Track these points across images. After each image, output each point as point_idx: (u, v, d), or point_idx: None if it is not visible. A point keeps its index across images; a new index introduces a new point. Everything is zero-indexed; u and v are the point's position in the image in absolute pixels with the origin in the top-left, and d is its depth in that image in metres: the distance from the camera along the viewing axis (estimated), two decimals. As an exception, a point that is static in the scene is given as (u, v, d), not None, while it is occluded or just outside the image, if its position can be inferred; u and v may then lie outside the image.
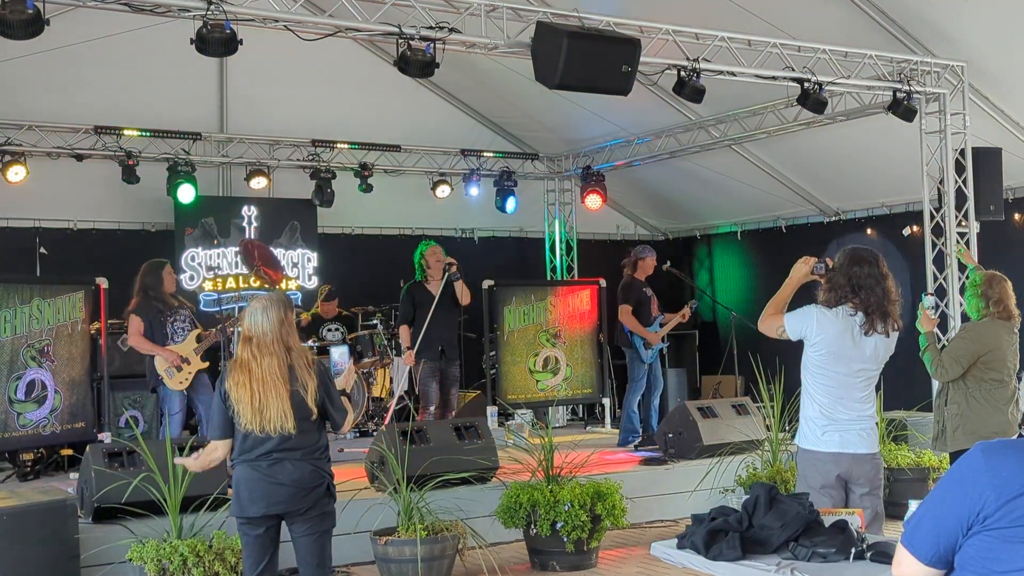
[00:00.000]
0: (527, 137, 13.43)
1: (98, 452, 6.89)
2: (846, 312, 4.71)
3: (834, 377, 4.75)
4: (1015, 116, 9.92)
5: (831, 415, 4.76)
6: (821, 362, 4.77)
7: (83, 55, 10.18)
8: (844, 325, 4.70)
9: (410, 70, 7.81)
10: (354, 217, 12.86)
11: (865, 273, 4.70)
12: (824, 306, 4.76)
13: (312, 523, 4.84)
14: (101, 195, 11.46)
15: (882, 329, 4.71)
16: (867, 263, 4.73)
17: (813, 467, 4.82)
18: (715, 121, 11.42)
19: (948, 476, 2.43)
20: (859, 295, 4.69)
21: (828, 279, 4.80)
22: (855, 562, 3.90)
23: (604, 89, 8.25)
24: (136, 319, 8.28)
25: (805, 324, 4.77)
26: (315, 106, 11.92)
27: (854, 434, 4.77)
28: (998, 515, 2.28)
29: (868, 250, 4.83)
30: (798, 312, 4.81)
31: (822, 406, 4.78)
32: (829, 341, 4.72)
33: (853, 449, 4.76)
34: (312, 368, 4.83)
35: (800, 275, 4.91)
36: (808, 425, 4.84)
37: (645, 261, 10.20)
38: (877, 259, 4.76)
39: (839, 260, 4.78)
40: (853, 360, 4.74)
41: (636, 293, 10.07)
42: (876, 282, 4.70)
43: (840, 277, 4.74)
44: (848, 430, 4.77)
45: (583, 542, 7.04)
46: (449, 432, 8.04)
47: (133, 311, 8.31)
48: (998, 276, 6.44)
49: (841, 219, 12.51)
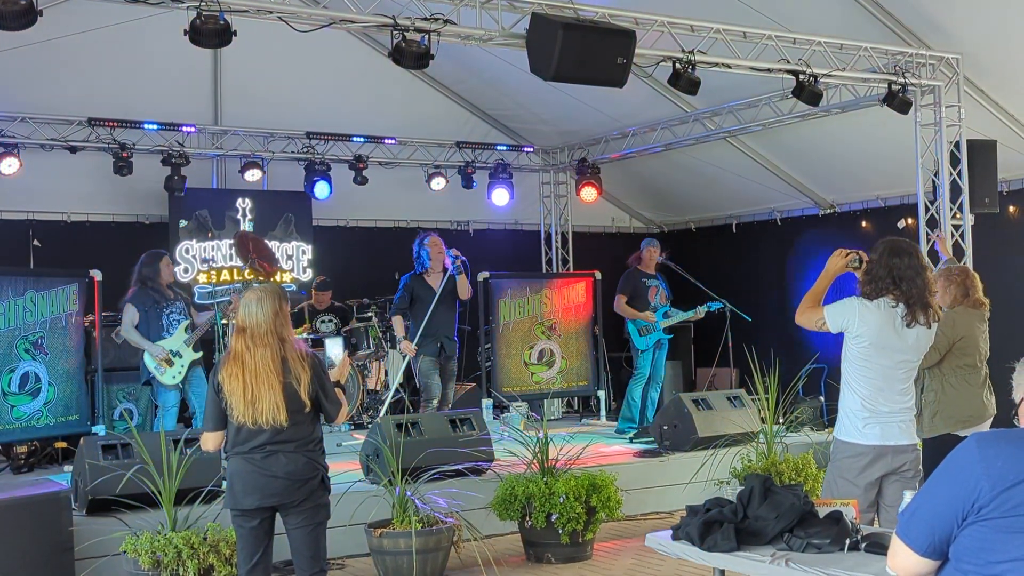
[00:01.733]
0: (522, 129, 13.41)
1: (92, 444, 6.88)
2: (887, 304, 4.72)
3: (877, 369, 4.76)
4: (1010, 108, 9.92)
5: (873, 407, 4.78)
6: (864, 354, 4.77)
7: (76, 47, 10.14)
8: (886, 316, 4.72)
9: (405, 62, 7.79)
10: (349, 209, 12.84)
11: (905, 264, 4.71)
12: (865, 298, 4.75)
13: (306, 515, 4.83)
14: (95, 187, 11.43)
15: (923, 320, 4.73)
16: (906, 254, 4.74)
17: (852, 459, 4.81)
18: (710, 113, 11.41)
19: (943, 468, 2.44)
20: (900, 286, 4.70)
21: (867, 271, 4.79)
22: (849, 553, 3.90)
23: (599, 81, 8.24)
24: (131, 308, 8.39)
25: (847, 316, 4.77)
26: (309, 98, 11.89)
27: (895, 426, 4.80)
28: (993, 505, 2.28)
29: (907, 241, 4.85)
30: (839, 304, 4.82)
31: (864, 398, 4.78)
32: (872, 333, 4.73)
33: (895, 441, 4.79)
34: (306, 360, 4.82)
35: (836, 268, 4.90)
36: (849, 417, 4.84)
37: (648, 252, 10.57)
38: (916, 250, 4.79)
39: (878, 251, 4.80)
40: (896, 351, 4.76)
41: (632, 283, 10.42)
42: (916, 273, 4.71)
43: (880, 269, 4.74)
44: (889, 422, 4.79)
45: (578, 534, 7.05)
46: (444, 424, 8.04)
47: (129, 300, 8.41)
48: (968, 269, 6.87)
49: (836, 212, 12.52)
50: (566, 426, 10.74)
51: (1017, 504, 2.26)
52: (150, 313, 8.42)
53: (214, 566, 5.84)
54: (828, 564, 3.81)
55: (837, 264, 4.90)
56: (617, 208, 14.65)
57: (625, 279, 10.52)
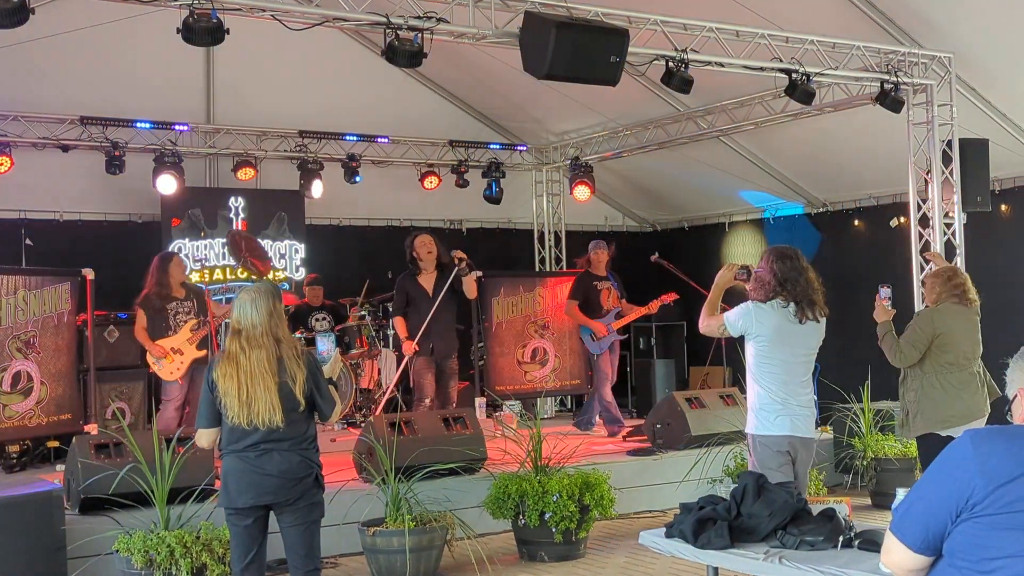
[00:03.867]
0: (515, 128, 13.41)
1: (84, 444, 6.87)
2: (779, 304, 5.22)
3: (779, 364, 5.24)
4: (1002, 107, 9.95)
5: (782, 400, 5.23)
6: (766, 352, 5.25)
7: (68, 45, 10.12)
8: (781, 316, 5.21)
9: (398, 60, 7.79)
10: (342, 208, 12.82)
11: (789, 267, 5.22)
12: (760, 302, 5.24)
13: (300, 513, 4.83)
14: (87, 186, 11.41)
15: (812, 316, 5.23)
16: (789, 259, 5.25)
17: (770, 451, 5.25)
18: (703, 112, 11.42)
19: (937, 464, 2.44)
20: (786, 287, 5.20)
21: (756, 278, 5.29)
22: (843, 550, 3.91)
23: (592, 79, 8.24)
24: (140, 313, 8.77)
25: (745, 320, 5.27)
26: (302, 96, 11.88)
27: (801, 419, 5.28)
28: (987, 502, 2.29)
29: (789, 247, 5.37)
30: (736, 311, 5.33)
31: (771, 393, 5.25)
32: (770, 332, 5.22)
33: (801, 433, 5.28)
34: (301, 359, 4.81)
35: (725, 280, 5.47)
36: (760, 412, 5.29)
37: (596, 254, 10.52)
38: (797, 255, 5.29)
39: (764, 259, 5.30)
40: (794, 346, 5.25)
41: (584, 287, 10.46)
42: (799, 274, 5.22)
43: (767, 274, 5.23)
44: (797, 415, 5.26)
45: (571, 532, 7.05)
46: (437, 423, 8.04)
47: (138, 304, 8.80)
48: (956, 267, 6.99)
49: (829, 210, 12.53)
50: (559, 424, 10.73)
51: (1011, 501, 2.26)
52: (157, 315, 8.72)
53: (207, 565, 5.83)
54: (821, 561, 3.82)
55: (726, 277, 5.45)
56: (610, 207, 14.65)
57: (576, 284, 10.53)
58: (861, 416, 9.05)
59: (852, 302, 11.82)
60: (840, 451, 9.18)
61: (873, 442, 8.86)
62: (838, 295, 12.22)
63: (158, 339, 8.67)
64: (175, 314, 8.76)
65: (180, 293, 8.87)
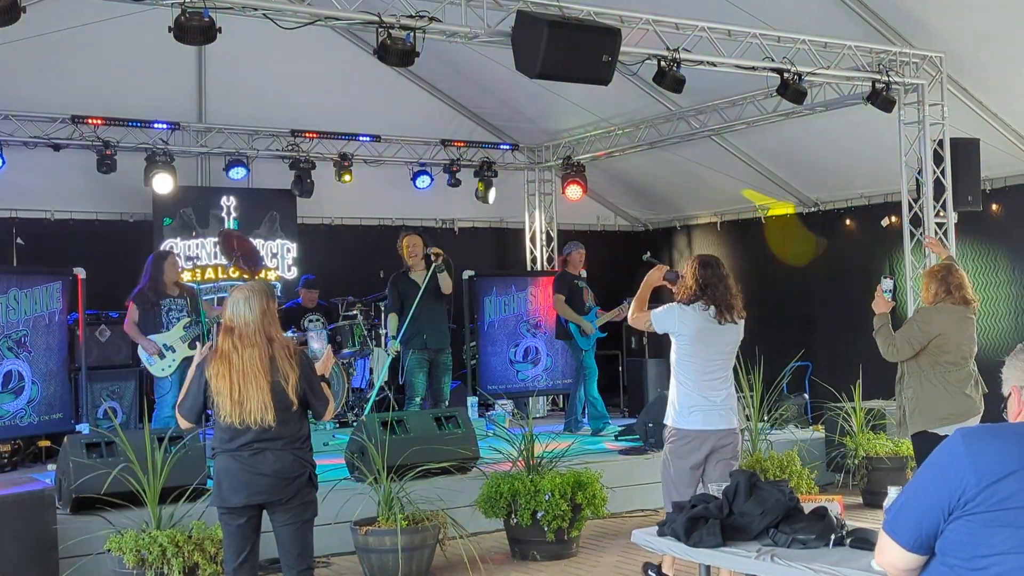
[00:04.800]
0: (507, 128, 13.41)
1: (76, 443, 6.85)
2: (701, 307, 5.60)
3: (699, 362, 5.61)
4: (993, 107, 9.97)
5: (699, 395, 5.60)
6: (688, 350, 5.63)
7: (60, 44, 10.08)
8: (702, 317, 5.59)
9: (390, 59, 7.78)
10: (333, 207, 12.81)
11: (710, 274, 5.62)
12: (683, 304, 5.62)
13: (294, 513, 4.82)
14: (78, 185, 11.37)
15: (730, 318, 5.62)
16: (711, 266, 5.66)
17: (682, 443, 5.62)
18: (695, 111, 11.43)
19: (929, 462, 2.45)
20: (707, 292, 5.59)
21: (681, 283, 5.69)
22: (835, 548, 3.92)
23: (584, 79, 8.25)
24: (132, 306, 8.81)
25: (669, 320, 5.67)
26: (294, 96, 11.85)
27: (715, 414, 5.62)
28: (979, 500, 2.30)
29: (711, 256, 5.84)
30: (662, 310, 5.71)
31: (689, 388, 5.62)
32: (691, 332, 5.60)
33: (715, 426, 5.61)
34: (294, 358, 4.81)
35: (653, 280, 5.88)
36: (677, 407, 5.66)
37: (572, 256, 10.69)
38: (719, 262, 5.74)
39: (689, 265, 5.70)
40: (714, 345, 5.63)
41: (568, 284, 10.51)
42: (719, 280, 5.62)
43: (691, 280, 5.63)
44: (710, 410, 5.62)
45: (564, 531, 7.05)
46: (429, 422, 8.04)
47: (132, 298, 8.84)
48: (955, 265, 6.84)
49: (820, 210, 12.55)
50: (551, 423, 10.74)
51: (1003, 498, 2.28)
52: (149, 310, 8.75)
53: (199, 564, 5.83)
54: (813, 559, 3.83)
55: (655, 277, 5.87)
56: (602, 206, 14.66)
57: (560, 281, 10.61)
58: (853, 415, 9.07)
59: (844, 302, 11.90)
60: (832, 450, 9.20)
61: (865, 441, 8.88)
62: (829, 294, 12.39)
63: (149, 335, 8.69)
64: (168, 311, 8.80)
65: (174, 291, 8.92)
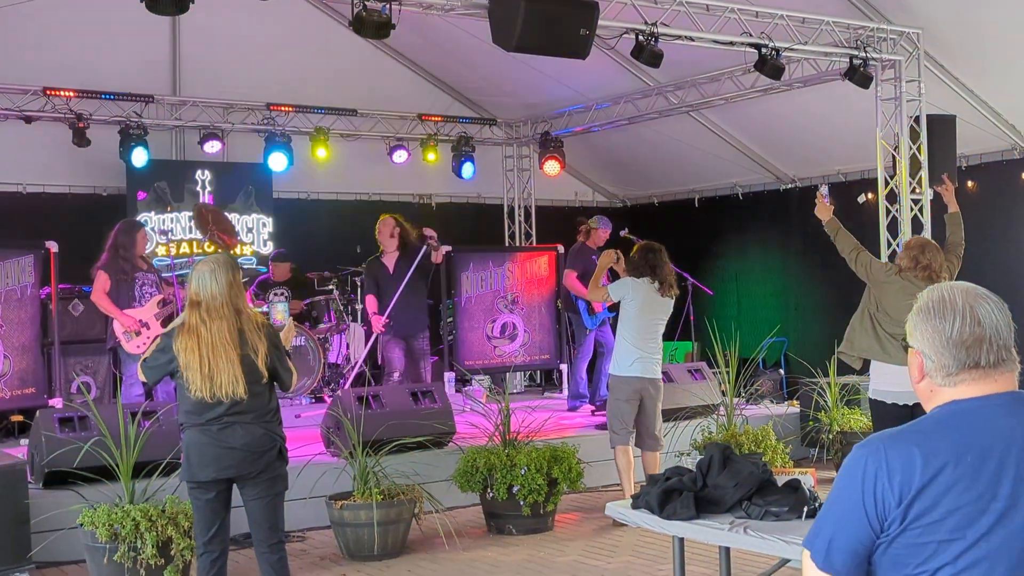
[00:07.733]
0: (485, 102, 13.34)
1: (48, 417, 6.81)
2: (648, 281, 7.30)
3: (643, 323, 7.30)
4: (969, 84, 9.99)
5: (639, 348, 7.27)
6: (636, 313, 7.28)
7: (31, 15, 9.95)
8: (649, 289, 7.30)
9: (365, 31, 7.72)
10: (310, 182, 12.73)
11: (655, 257, 7.33)
12: (634, 277, 7.30)
13: (264, 486, 4.80)
14: (51, 158, 11.24)
15: (669, 293, 7.36)
16: (656, 252, 7.35)
17: (624, 387, 7.29)
18: (673, 87, 11.40)
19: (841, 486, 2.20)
20: (654, 271, 7.29)
21: (629, 262, 7.42)
22: (807, 520, 3.93)
23: (562, 52, 8.20)
24: (103, 275, 8.22)
25: (624, 289, 7.36)
26: (270, 69, 11.75)
27: (650, 364, 7.35)
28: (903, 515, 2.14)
29: (656, 243, 7.46)
30: (618, 283, 7.48)
31: (632, 343, 7.29)
32: (640, 300, 7.28)
33: (650, 375, 7.35)
34: (262, 331, 4.78)
35: (607, 261, 7.75)
36: (621, 358, 7.33)
37: (598, 232, 10.36)
38: (662, 249, 7.40)
39: (638, 250, 7.43)
40: (654, 311, 7.34)
41: (584, 260, 10.10)
42: (663, 263, 7.35)
43: (640, 260, 7.34)
44: (647, 361, 7.32)
45: (540, 506, 7.07)
46: (406, 397, 8.03)
47: (101, 267, 8.25)
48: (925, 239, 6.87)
49: (797, 187, 12.57)
50: (528, 399, 10.74)
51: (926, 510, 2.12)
52: (121, 283, 8.26)
53: (172, 538, 5.80)
54: (786, 531, 3.85)
55: (607, 260, 7.72)
56: (580, 182, 14.63)
57: (577, 254, 10.27)
58: (827, 390, 9.11)
59: (821, 279, 11.94)
60: (806, 425, 9.25)
61: (839, 416, 8.93)
62: (805, 271, 12.43)
63: (124, 309, 8.26)
64: (141, 285, 8.35)
65: (143, 266, 8.53)
